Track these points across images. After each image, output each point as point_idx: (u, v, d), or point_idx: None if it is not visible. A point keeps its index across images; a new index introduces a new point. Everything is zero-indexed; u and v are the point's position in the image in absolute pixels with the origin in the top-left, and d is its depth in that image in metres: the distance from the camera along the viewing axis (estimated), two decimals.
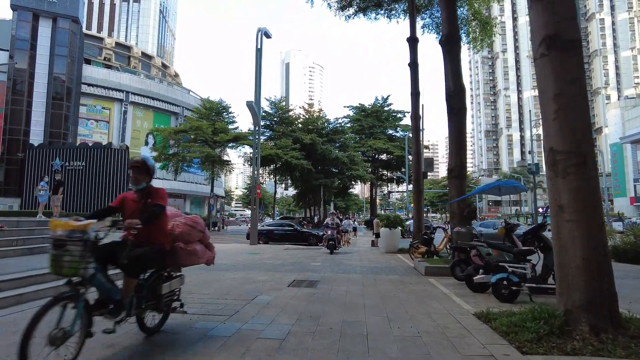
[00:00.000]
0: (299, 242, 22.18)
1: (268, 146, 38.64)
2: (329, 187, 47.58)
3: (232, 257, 12.50)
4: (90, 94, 51.68)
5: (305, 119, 43.79)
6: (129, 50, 65.98)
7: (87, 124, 52.17)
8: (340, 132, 44.59)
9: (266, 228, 23.66)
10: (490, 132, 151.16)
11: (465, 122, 9.98)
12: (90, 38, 61.52)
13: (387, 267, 10.35)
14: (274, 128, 41.61)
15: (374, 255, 14.25)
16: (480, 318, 4.94)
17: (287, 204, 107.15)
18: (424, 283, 7.87)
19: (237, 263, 10.92)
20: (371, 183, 53.26)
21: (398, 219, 15.23)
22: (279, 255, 13.32)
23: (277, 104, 41.10)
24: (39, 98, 44.97)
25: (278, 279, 8.10)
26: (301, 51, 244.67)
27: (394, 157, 51.96)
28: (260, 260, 11.81)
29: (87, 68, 52.26)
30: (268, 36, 22.21)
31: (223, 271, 9.20)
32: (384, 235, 15.23)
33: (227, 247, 17.60)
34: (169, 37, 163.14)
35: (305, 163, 37.30)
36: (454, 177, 9.73)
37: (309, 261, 11.62)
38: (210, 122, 40.09)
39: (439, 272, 8.72)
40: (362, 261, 11.91)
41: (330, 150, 39.22)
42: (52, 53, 45.63)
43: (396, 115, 52.36)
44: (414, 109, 16.19)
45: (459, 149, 9.77)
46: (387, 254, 14.43)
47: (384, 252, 15.28)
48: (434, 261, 9.76)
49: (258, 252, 14.91)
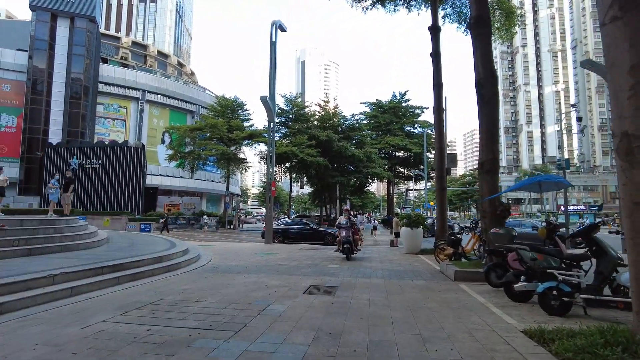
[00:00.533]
0: (315, 241, 21.52)
1: (283, 144, 38.05)
2: (345, 185, 46.73)
3: (246, 258, 11.87)
4: (107, 93, 51.98)
5: (321, 115, 43.04)
6: (145, 49, 66.31)
7: (104, 122, 52.53)
8: (357, 129, 43.68)
9: (282, 227, 23.07)
10: (509, 129, 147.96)
11: (497, 111, 9.09)
12: (107, 37, 62.03)
13: (411, 271, 9.55)
14: (289, 125, 40.98)
15: (394, 256, 13.44)
16: (532, 337, 4.12)
17: (302, 202, 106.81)
18: (455, 290, 7.05)
19: (250, 265, 10.27)
20: (388, 181, 52.24)
21: (420, 217, 14.37)
22: (294, 256, 12.64)
23: (292, 101, 40.48)
24: (57, 97, 45.42)
25: (292, 284, 7.39)
26: (316, 49, 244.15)
27: (412, 155, 50.74)
28: (274, 261, 11.14)
29: (103, 67, 52.59)
30: (283, 29, 21.56)
31: (234, 274, 8.55)
32: (405, 236, 14.40)
33: (241, 247, 17.03)
34: (185, 37, 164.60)
35: (321, 160, 36.58)
36: (485, 172, 8.85)
37: (326, 263, 10.89)
38: (226, 120, 39.76)
39: (471, 277, 7.88)
40: (383, 263, 11.13)
41: (346, 147, 38.36)
42: (69, 52, 45.99)
43: (414, 111, 51.17)
44: (437, 101, 15.29)
45: (491, 141, 8.89)
46: (409, 255, 13.60)
47: (405, 253, 14.45)
48: (463, 264, 8.91)
49: (273, 252, 14.26)
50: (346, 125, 43.38)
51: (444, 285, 7.49)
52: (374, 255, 13.76)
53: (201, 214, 41.96)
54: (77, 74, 46.32)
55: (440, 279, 8.37)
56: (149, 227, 37.98)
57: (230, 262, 10.76)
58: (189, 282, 7.36)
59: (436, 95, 15.34)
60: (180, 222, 39.57)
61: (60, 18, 46.47)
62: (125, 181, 41.40)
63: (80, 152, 41.17)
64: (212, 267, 9.69)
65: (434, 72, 15.39)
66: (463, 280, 7.91)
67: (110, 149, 41.59)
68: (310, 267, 9.83)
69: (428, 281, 8.01)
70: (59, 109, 45.33)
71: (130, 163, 41.53)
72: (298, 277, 8.17)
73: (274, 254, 13.28)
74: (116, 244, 12.86)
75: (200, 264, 10.23)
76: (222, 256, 12.49)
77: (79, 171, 40.64)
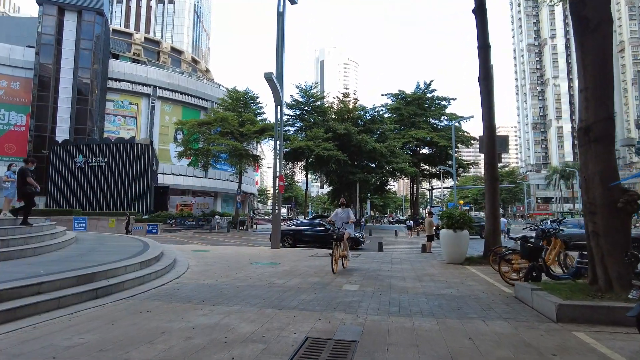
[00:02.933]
0: (331, 244, 18.38)
1: (298, 139, 35.06)
2: (367, 183, 43.44)
3: (234, 271, 8.78)
4: (117, 89, 50.16)
5: (340, 108, 39.87)
6: (159, 45, 64.47)
7: (114, 120, 50.71)
8: (379, 122, 40.25)
9: (293, 228, 19.97)
10: (537, 125, 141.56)
11: (612, 42, 5.70)
12: (119, 34, 60.46)
13: (471, 297, 6.21)
14: (305, 118, 37.99)
15: (434, 268, 10.10)
16: None
17: (322, 203, 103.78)
18: (580, 350, 3.74)
19: (231, 284, 7.15)
20: (412, 178, 48.62)
21: (466, 217, 11.01)
22: (299, 268, 9.48)
23: (307, 92, 37.34)
24: (64, 94, 43.71)
25: (276, 333, 4.16)
26: (335, 48, 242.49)
27: (438, 150, 47.14)
28: (269, 277, 8.00)
29: (113, 63, 50.79)
30: (293, 1, 18.45)
31: (194, 304, 5.43)
32: (446, 240, 11.04)
33: (241, 252, 13.99)
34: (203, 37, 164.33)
35: (340, 154, 33.43)
36: (593, 141, 5.48)
37: (341, 281, 7.68)
38: (237, 114, 37.06)
39: (592, 316, 4.54)
40: (422, 281, 7.82)
41: (366, 140, 35.05)
42: (77, 47, 44.24)
43: (440, 102, 47.47)
44: (483, 67, 11.92)
45: (604, 91, 5.51)
46: (453, 267, 10.25)
47: (447, 262, 11.12)
48: (559, 289, 5.51)
49: (275, 260, 11.14)
50: (367, 117, 40.02)
51: (550, 339, 4.13)
52: (404, 265, 10.46)
53: (212, 214, 39.34)
54: (85, 69, 44.54)
55: (528, 315, 5.04)
56: (156, 228, 35.58)
57: (207, 279, 7.69)
58: (101, 325, 4.29)
59: (482, 60, 11.97)
60: (189, 222, 36.99)
61: (67, 12, 44.78)
62: (133, 180, 39.15)
63: (86, 150, 39.16)
64: (173, 289, 6.61)
65: (478, 32, 12.05)
66: (576, 321, 4.56)
67: (116, 146, 39.42)
68: (315, 290, 6.62)
69: (511, 322, 4.68)
70: (66, 106, 43.60)
71: (137, 161, 39.27)
72: (291, 314, 4.97)
73: (275, 265, 10.16)
74: (73, 250, 10.01)
75: (162, 282, 7.21)
76: (206, 268, 9.45)
77: (85, 169, 38.65)
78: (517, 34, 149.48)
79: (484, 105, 11.96)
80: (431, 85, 46.30)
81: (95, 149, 39.24)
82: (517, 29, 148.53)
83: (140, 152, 39.31)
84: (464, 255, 11.08)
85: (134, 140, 40.15)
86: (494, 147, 11.56)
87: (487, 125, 11.72)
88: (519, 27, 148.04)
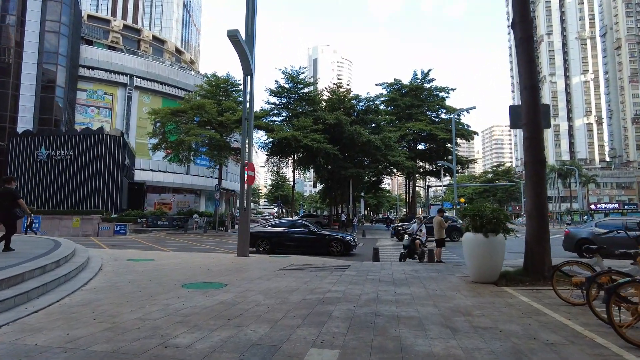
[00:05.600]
0: (316, 249, 15.01)
1: (284, 129, 31.43)
2: (360, 179, 39.94)
3: (138, 304, 5.19)
4: (89, 78, 46.18)
5: (330, 97, 36.29)
6: (139, 34, 60.35)
7: (87, 111, 46.72)
8: (373, 113, 36.69)
9: (270, 230, 16.43)
10: None
11: None
12: (95, 20, 56.37)
13: None
14: (291, 108, 34.31)
15: (460, 293, 6.56)
16: None
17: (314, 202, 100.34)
18: None
19: (75, 349, 3.57)
20: (407, 175, 45.16)
21: (502, 214, 7.56)
22: (248, 298, 5.91)
23: (294, 77, 33.59)
24: (27, 80, 39.67)
25: None
26: (329, 46, 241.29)
27: (435, 145, 43.88)
28: (173, 326, 4.40)
29: (86, 49, 46.79)
30: None
31: None
32: (473, 249, 7.55)
33: (194, 263, 10.41)
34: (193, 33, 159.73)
35: (330, 147, 29.89)
36: None
37: (306, 335, 4.14)
38: (216, 102, 33.38)
39: None
40: (457, 333, 4.25)
41: (360, 131, 31.52)
42: (42, 30, 40.21)
43: (438, 94, 44.08)
44: (520, 5, 8.49)
45: None
46: (486, 289, 6.78)
47: (473, 280, 7.66)
48: None
49: (224, 280, 7.55)
50: (361, 107, 36.46)
51: None
52: (414, 288, 6.90)
53: (189, 213, 35.64)
54: (51, 54, 40.50)
55: None
56: (125, 229, 31.84)
57: (60, 328, 4.11)
58: None
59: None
60: (162, 222, 33.24)
61: None
62: (102, 175, 35.33)
63: (49, 142, 35.24)
64: None
65: None
66: None
67: (83, 137, 35.55)
68: None
69: None
70: (30, 94, 39.57)
71: (107, 154, 35.48)
72: None
73: (217, 288, 6.59)
74: None
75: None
76: (98, 297, 5.87)
77: (48, 163, 34.78)
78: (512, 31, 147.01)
79: (521, 58, 8.48)
80: (429, 75, 42.87)
81: (59, 141, 35.35)
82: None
83: (111, 145, 35.51)
84: (498, 271, 7.60)
85: (103, 131, 36.26)
86: (539, 115, 8.09)
87: (529, 84, 8.23)
88: None
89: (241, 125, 31.19)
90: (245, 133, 13.48)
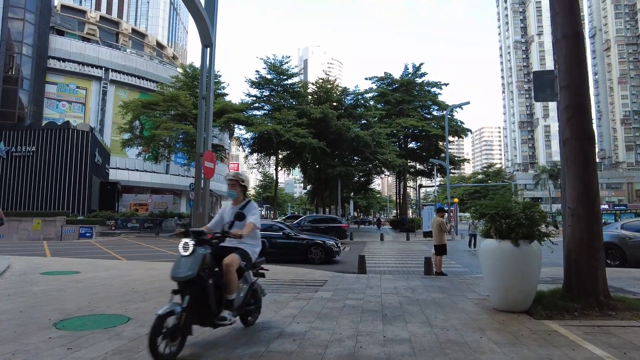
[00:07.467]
0: (293, 256, 12.70)
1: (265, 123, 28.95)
2: (349, 179, 37.64)
3: None
4: (60, 70, 43.16)
5: (316, 91, 33.95)
6: (118, 26, 57.28)
7: (57, 105, 43.64)
8: (362, 105, 34.40)
9: None
10: (524, 123, 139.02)
11: None
12: (70, 10, 53.19)
13: None
14: (274, 102, 31.81)
15: (484, 335, 4.20)
16: None
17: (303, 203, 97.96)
18: None
19: None
20: (398, 174, 42.94)
21: (537, 212, 5.26)
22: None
23: (277, 67, 31.05)
24: None
25: None
26: (319, 47, 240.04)
27: (427, 143, 41.89)
28: None
29: (56, 39, 43.76)
30: None
31: None
32: (497, 263, 5.21)
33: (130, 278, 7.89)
34: (181, 31, 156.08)
35: (315, 142, 27.51)
36: None
37: None
38: (192, 93, 30.82)
39: None
40: None
41: (348, 126, 29.18)
42: (4, 16, 37.15)
43: (430, 89, 42.00)
44: None
45: None
46: (515, 320, 4.44)
47: (497, 307, 5.32)
48: None
49: (128, 313, 5.11)
50: (349, 100, 34.13)
51: None
52: (413, 326, 4.51)
53: (164, 215, 33.00)
54: (15, 43, 37.47)
55: None
56: (91, 232, 29.09)
57: None
58: None
59: None
60: (132, 224, 30.51)
61: None
62: (68, 173, 32.47)
63: (9, 137, 32.28)
64: None
65: None
66: None
67: (47, 132, 32.65)
68: None
69: None
70: None
71: (74, 150, 32.63)
72: None
73: (113, 327, 4.13)
74: None
75: None
76: None
77: (7, 160, 31.84)
78: (503, 31, 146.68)
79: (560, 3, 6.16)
80: (421, 69, 40.74)
81: (21, 136, 32.43)
82: (504, 25, 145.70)
83: (78, 140, 32.68)
84: (532, 294, 5.26)
85: (70, 126, 33.39)
86: (585, 73, 5.79)
87: (571, 33, 5.92)
88: (505, 23, 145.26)
89: (219, 119, 28.49)
90: (203, 116, 10.99)
